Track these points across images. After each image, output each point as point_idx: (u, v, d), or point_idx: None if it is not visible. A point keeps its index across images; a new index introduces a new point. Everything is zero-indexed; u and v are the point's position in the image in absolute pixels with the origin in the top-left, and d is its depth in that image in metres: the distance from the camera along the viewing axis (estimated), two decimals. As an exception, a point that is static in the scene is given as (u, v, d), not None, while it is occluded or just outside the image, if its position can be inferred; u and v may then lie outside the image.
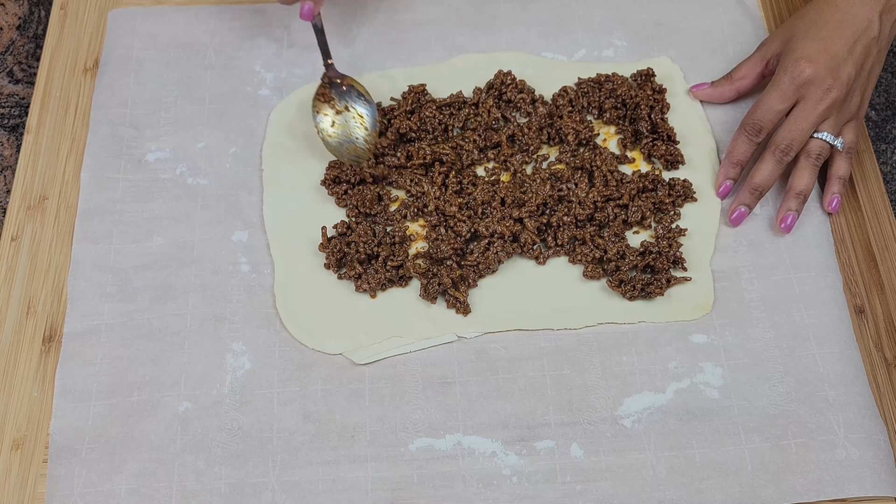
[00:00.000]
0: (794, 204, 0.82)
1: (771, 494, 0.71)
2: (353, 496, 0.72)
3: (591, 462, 0.73)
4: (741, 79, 0.88)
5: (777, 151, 0.81)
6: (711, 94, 0.89)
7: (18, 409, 0.76)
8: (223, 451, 0.73)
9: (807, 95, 0.81)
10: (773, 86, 0.82)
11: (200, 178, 0.86)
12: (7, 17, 0.97)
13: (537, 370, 0.77)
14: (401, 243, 0.82)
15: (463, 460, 0.73)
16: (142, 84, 0.92)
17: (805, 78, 0.80)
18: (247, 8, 0.96)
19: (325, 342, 0.78)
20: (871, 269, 0.82)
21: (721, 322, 0.79)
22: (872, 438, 0.73)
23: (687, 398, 0.75)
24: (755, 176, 0.82)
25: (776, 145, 0.81)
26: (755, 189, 0.82)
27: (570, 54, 0.94)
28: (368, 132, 0.85)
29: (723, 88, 0.88)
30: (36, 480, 0.73)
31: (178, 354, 0.77)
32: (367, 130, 0.85)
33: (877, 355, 0.78)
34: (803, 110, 0.81)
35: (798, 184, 0.82)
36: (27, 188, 0.86)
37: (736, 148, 0.83)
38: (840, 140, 0.83)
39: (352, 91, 0.86)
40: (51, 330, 0.79)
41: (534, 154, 0.87)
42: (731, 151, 0.84)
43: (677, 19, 0.96)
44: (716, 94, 0.89)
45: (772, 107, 0.82)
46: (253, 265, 0.82)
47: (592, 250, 0.81)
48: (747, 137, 0.83)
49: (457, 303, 0.79)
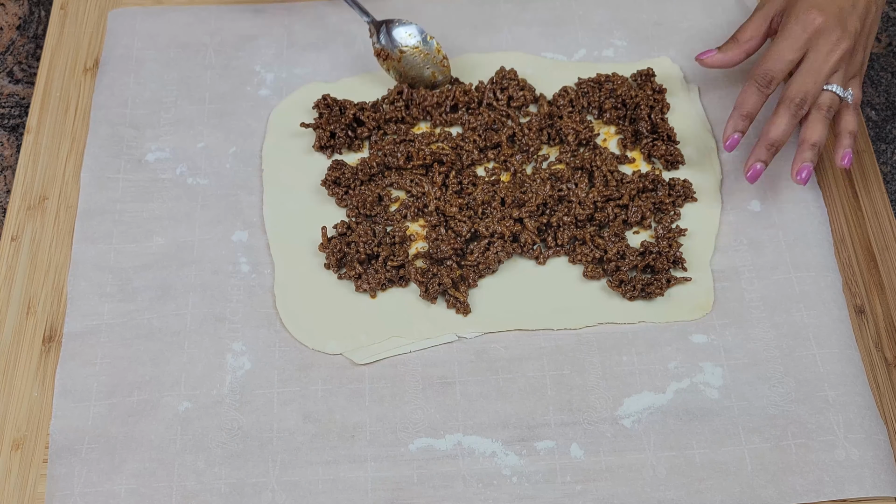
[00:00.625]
0: (809, 155, 0.80)
1: (771, 495, 0.71)
2: (353, 496, 0.72)
3: (591, 462, 0.73)
4: (749, 40, 0.85)
5: (792, 105, 0.80)
6: (721, 60, 0.86)
7: (18, 409, 0.76)
8: (223, 451, 0.73)
9: (817, 46, 0.80)
10: (783, 35, 0.80)
11: (200, 178, 0.86)
12: (7, 17, 0.97)
13: (537, 370, 0.77)
14: (401, 243, 0.82)
15: (463, 460, 0.73)
16: (142, 84, 0.92)
17: (816, 27, 0.79)
18: (247, 8, 0.96)
19: (325, 342, 0.78)
20: (871, 269, 0.82)
21: (721, 322, 0.79)
22: (872, 439, 0.73)
23: (687, 398, 0.75)
24: (771, 131, 0.80)
25: (790, 99, 0.80)
26: (771, 145, 0.80)
27: (570, 54, 0.94)
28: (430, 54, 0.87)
29: (732, 52, 0.86)
30: (36, 480, 0.73)
31: (178, 354, 0.77)
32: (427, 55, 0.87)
33: (877, 355, 0.78)
34: (815, 61, 0.80)
35: (812, 135, 0.80)
36: (27, 188, 0.86)
37: (746, 100, 0.81)
38: (850, 93, 0.82)
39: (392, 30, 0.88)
40: (51, 330, 0.79)
41: (534, 154, 0.87)
42: (742, 103, 0.81)
43: (677, 19, 0.96)
44: (726, 59, 0.86)
45: (783, 56, 0.80)
46: (253, 265, 0.82)
47: (592, 250, 0.81)
48: (758, 88, 0.81)
49: (457, 303, 0.79)
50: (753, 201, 0.85)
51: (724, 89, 0.91)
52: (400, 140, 0.87)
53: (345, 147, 0.88)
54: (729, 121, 0.82)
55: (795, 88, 0.80)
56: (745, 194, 0.85)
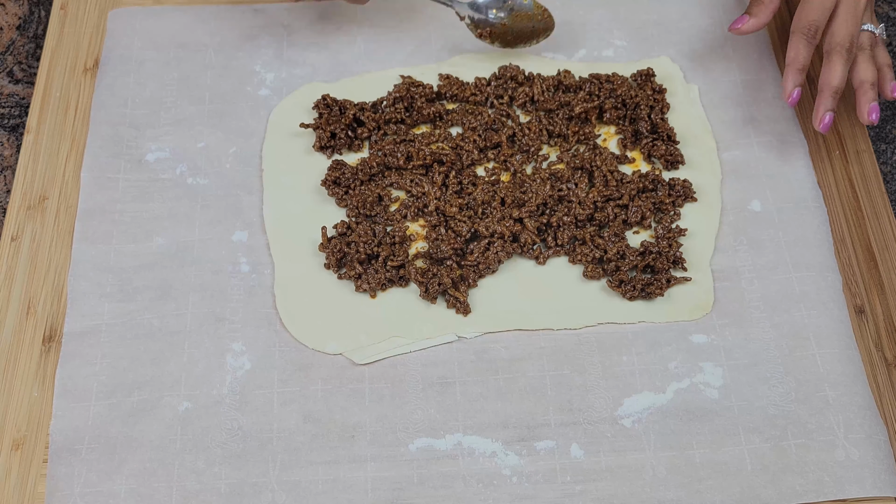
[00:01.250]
0: (872, 94, 0.82)
1: (771, 495, 0.71)
2: (353, 496, 0.72)
3: (591, 462, 0.73)
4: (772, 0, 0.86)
5: (843, 51, 0.82)
6: (756, 24, 0.86)
7: (18, 409, 0.76)
8: (223, 451, 0.73)
9: None
10: None
11: (200, 178, 0.86)
12: (7, 17, 0.97)
13: (537, 370, 0.77)
14: (401, 243, 0.82)
15: (463, 460, 0.73)
16: (142, 84, 0.92)
17: None
18: (247, 8, 0.96)
19: (325, 342, 0.78)
20: (871, 269, 0.82)
21: (721, 322, 0.79)
22: (872, 439, 0.73)
23: (687, 398, 0.75)
24: (831, 80, 0.82)
25: (840, 45, 0.82)
26: (835, 92, 0.82)
27: (570, 54, 0.94)
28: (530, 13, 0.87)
29: (763, 14, 0.86)
30: (36, 480, 0.73)
31: (178, 354, 0.77)
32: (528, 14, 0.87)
33: (877, 355, 0.78)
34: (851, 4, 0.82)
35: (867, 75, 0.83)
36: (27, 188, 0.86)
37: (798, 53, 0.82)
38: (882, 27, 0.85)
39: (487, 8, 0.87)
40: (51, 330, 0.79)
41: (534, 154, 0.87)
42: (795, 58, 0.83)
43: (677, 19, 0.96)
44: (760, 23, 0.86)
45: (824, 4, 0.82)
46: (253, 265, 0.82)
47: (592, 250, 0.81)
48: (807, 41, 0.82)
49: (457, 303, 0.79)
50: (753, 201, 0.85)
51: (724, 89, 0.92)
52: (400, 140, 0.87)
53: (345, 147, 0.88)
54: (787, 77, 0.83)
55: (842, 34, 0.82)
56: (745, 194, 0.85)
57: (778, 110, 0.90)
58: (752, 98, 0.91)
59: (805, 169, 0.86)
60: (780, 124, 0.89)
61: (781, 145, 0.88)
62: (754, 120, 0.89)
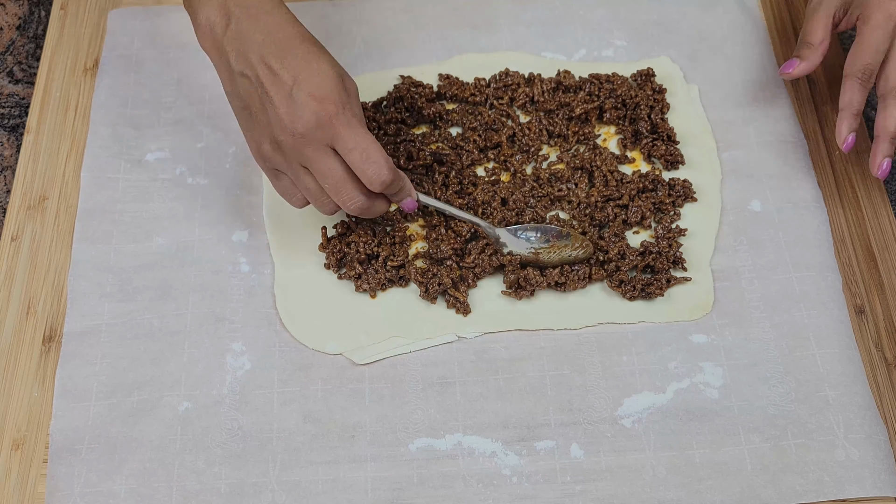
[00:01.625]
0: (889, 149, 0.80)
1: (771, 495, 0.71)
2: (353, 496, 0.72)
3: (591, 462, 0.73)
4: (823, 41, 0.84)
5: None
6: (808, 67, 0.84)
7: (18, 409, 0.76)
8: (223, 451, 0.73)
9: None
10: (871, 27, 0.80)
11: (200, 178, 0.86)
12: (7, 17, 0.97)
13: (537, 370, 0.77)
14: (401, 243, 0.82)
15: (463, 460, 0.73)
16: (142, 84, 0.92)
17: None
18: (247, 8, 0.96)
19: (325, 342, 0.78)
20: (871, 269, 0.82)
21: (721, 322, 0.79)
22: (872, 439, 0.73)
23: (687, 398, 0.75)
24: (889, 125, 0.79)
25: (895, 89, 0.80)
26: (893, 137, 0.80)
27: (570, 54, 0.94)
28: (568, 245, 0.81)
29: (813, 57, 0.84)
30: (36, 480, 0.73)
31: (178, 354, 0.77)
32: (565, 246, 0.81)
33: (877, 355, 0.78)
34: None
35: (890, 125, 0.80)
36: (27, 188, 0.86)
37: (852, 98, 0.81)
38: None
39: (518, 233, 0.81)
40: (51, 330, 0.79)
41: (534, 154, 0.87)
42: (849, 102, 0.81)
43: (677, 19, 0.96)
44: (811, 65, 0.84)
45: (878, 47, 0.80)
46: (253, 265, 0.82)
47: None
48: (861, 85, 0.81)
49: (457, 303, 0.79)
50: (753, 201, 0.85)
51: (724, 89, 0.92)
52: (400, 140, 0.87)
53: None
54: (842, 122, 0.81)
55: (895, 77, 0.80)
56: (745, 194, 0.85)
57: (778, 110, 0.90)
58: (752, 98, 0.91)
59: (805, 169, 0.86)
60: (780, 124, 0.89)
61: (781, 145, 0.88)
62: (754, 120, 0.89)
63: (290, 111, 0.70)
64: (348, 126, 0.71)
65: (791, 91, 0.92)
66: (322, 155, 0.71)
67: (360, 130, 0.71)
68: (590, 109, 0.88)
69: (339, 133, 0.70)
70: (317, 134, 0.70)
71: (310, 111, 0.70)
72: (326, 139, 0.71)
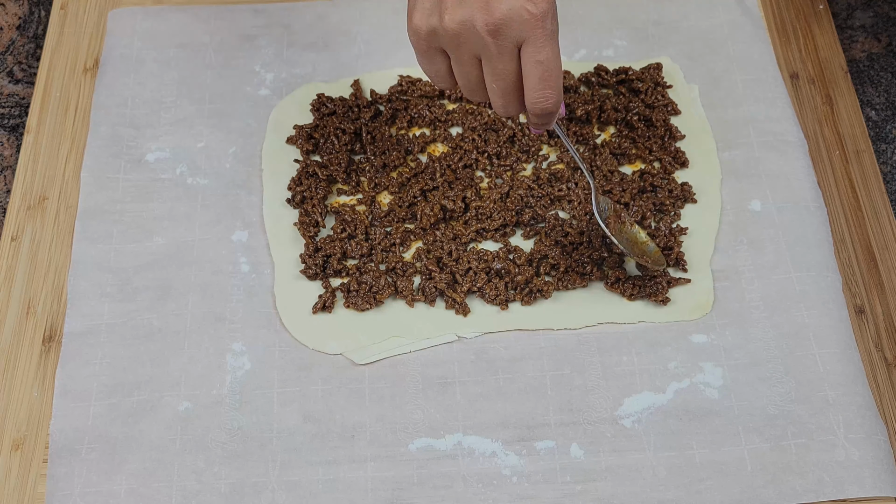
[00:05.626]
0: None
1: (771, 495, 0.71)
2: (353, 496, 0.72)
3: (591, 462, 0.73)
4: None
5: None
6: None
7: (18, 409, 0.76)
8: (223, 451, 0.73)
9: None
10: None
11: (200, 178, 0.86)
12: (7, 17, 0.97)
13: (537, 370, 0.77)
14: (400, 243, 0.82)
15: (463, 460, 0.73)
16: (142, 84, 0.92)
17: None
18: (247, 8, 0.96)
19: (325, 342, 0.78)
20: (871, 269, 0.82)
21: (721, 322, 0.79)
22: (872, 439, 0.73)
23: (687, 398, 0.75)
24: None
25: None
26: None
27: (570, 54, 0.94)
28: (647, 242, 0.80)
29: None
30: (36, 480, 0.73)
31: (178, 354, 0.77)
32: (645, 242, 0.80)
33: (877, 355, 0.78)
34: None
35: None
36: (27, 188, 0.86)
37: None
38: None
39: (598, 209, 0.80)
40: (51, 330, 0.79)
41: (534, 154, 0.87)
42: None
43: (677, 19, 0.96)
44: None
45: None
46: (253, 265, 0.82)
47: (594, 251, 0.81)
48: None
49: (455, 303, 0.79)
50: (753, 201, 0.85)
51: (724, 89, 0.91)
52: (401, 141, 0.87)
53: None
54: None
55: None
56: (745, 194, 0.85)
57: (778, 110, 0.90)
58: (752, 98, 0.90)
59: (805, 169, 0.86)
60: (780, 124, 0.89)
61: (781, 145, 0.88)
62: (754, 120, 0.89)
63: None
64: (549, 36, 0.63)
65: (791, 91, 0.92)
66: (506, 54, 0.64)
67: (556, 46, 0.64)
68: (590, 110, 0.88)
69: (538, 38, 0.63)
70: (513, 28, 0.63)
71: (520, 1, 0.62)
72: (521, 38, 0.63)
